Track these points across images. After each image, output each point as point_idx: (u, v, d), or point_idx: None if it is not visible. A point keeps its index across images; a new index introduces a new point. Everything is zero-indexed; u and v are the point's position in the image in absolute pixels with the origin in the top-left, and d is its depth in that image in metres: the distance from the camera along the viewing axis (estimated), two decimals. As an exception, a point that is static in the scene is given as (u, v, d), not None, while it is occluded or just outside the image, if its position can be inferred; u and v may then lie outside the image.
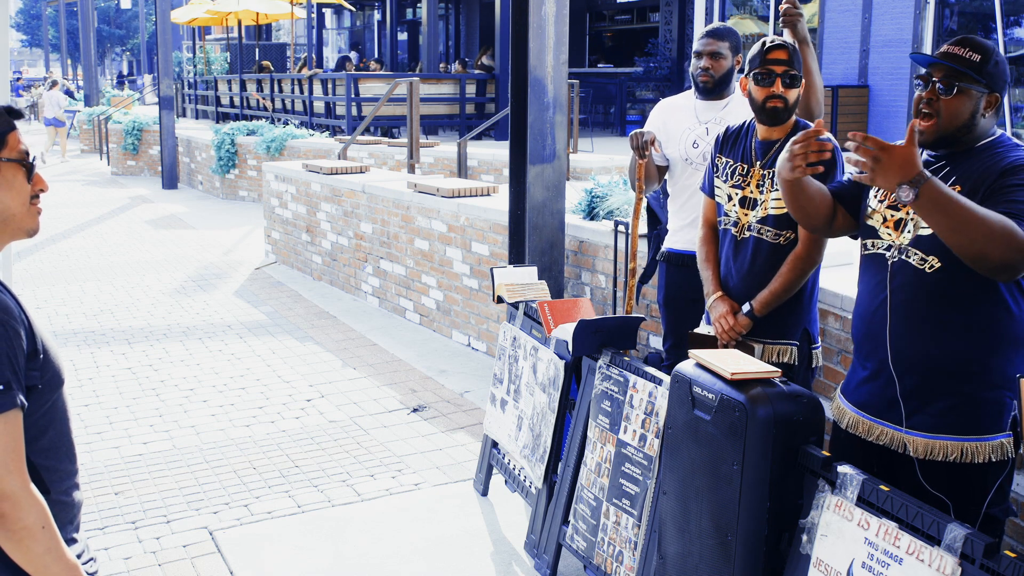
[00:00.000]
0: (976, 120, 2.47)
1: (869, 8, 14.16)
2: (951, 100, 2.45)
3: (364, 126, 12.05)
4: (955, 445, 2.53)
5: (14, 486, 1.72)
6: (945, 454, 2.54)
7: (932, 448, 2.55)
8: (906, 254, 2.55)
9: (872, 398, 2.67)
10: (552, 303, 3.77)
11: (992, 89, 2.47)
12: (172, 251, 10.34)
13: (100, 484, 4.39)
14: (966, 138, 2.49)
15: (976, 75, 2.44)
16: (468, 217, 6.49)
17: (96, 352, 6.48)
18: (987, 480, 2.56)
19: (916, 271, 2.53)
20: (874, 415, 2.66)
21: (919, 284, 2.53)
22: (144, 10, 29.82)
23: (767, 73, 3.13)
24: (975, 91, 2.45)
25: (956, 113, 2.45)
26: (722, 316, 3.28)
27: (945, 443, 2.54)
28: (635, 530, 3.08)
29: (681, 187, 3.95)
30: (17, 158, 1.87)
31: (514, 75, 5.25)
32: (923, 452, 2.56)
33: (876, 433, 2.66)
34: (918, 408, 2.58)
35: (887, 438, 2.63)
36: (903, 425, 2.60)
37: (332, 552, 3.81)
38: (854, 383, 2.76)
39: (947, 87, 2.44)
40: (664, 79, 18.63)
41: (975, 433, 2.52)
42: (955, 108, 2.45)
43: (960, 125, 2.46)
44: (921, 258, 2.51)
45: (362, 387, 5.76)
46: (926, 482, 2.57)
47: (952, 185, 2.47)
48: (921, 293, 2.53)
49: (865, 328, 2.67)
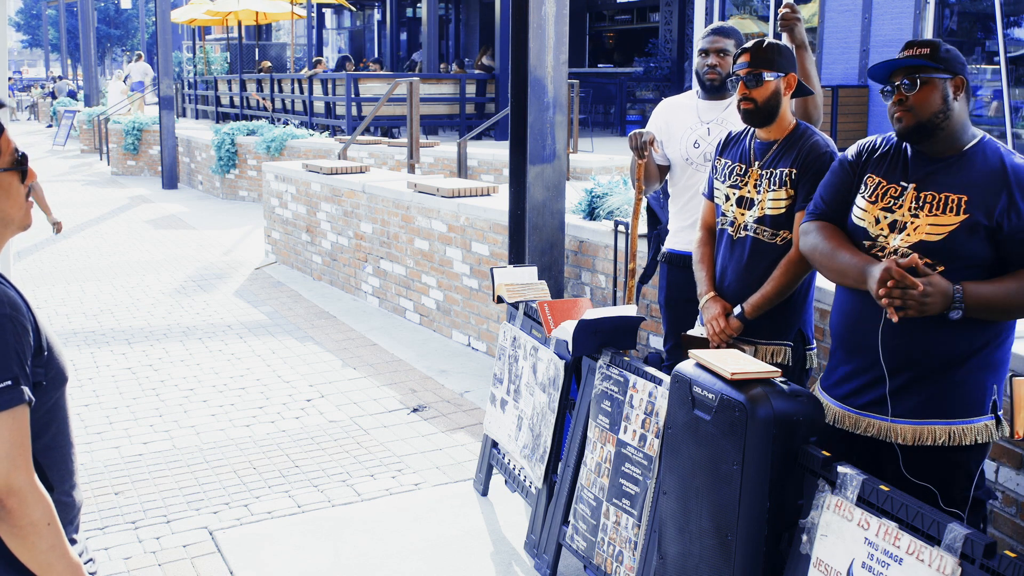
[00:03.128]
0: (949, 104, 2.56)
1: (869, 8, 14.16)
2: (919, 93, 2.55)
3: (364, 126, 12.04)
4: (943, 429, 2.58)
5: (21, 482, 1.72)
6: (934, 438, 2.58)
7: (920, 434, 2.60)
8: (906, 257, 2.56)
9: (859, 392, 2.70)
10: (552, 303, 3.77)
11: (953, 72, 2.56)
12: (172, 251, 10.34)
13: (100, 484, 4.39)
14: (945, 125, 2.56)
15: (932, 63, 2.55)
16: (468, 217, 6.49)
17: (96, 352, 6.48)
18: (971, 464, 2.62)
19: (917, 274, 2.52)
20: (860, 408, 2.70)
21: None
22: (144, 10, 29.82)
23: (736, 77, 3.21)
24: (937, 78, 2.55)
25: (928, 102, 2.55)
26: (714, 318, 3.29)
27: (933, 428, 2.59)
28: (635, 530, 3.08)
29: (682, 187, 3.95)
30: (11, 164, 1.85)
31: (514, 75, 5.25)
32: (911, 439, 2.60)
33: (863, 425, 2.70)
34: (904, 395, 2.62)
35: (874, 429, 2.67)
36: (889, 415, 2.63)
37: (332, 552, 3.81)
38: (835, 377, 2.79)
39: (911, 83, 2.56)
40: (664, 79, 18.64)
41: (962, 416, 2.58)
42: (925, 98, 2.55)
43: (935, 111, 2.55)
44: (926, 263, 2.52)
45: (362, 387, 5.76)
46: (910, 473, 2.61)
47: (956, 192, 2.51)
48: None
49: (852, 325, 2.70)
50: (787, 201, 3.17)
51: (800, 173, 3.15)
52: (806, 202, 3.14)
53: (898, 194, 2.63)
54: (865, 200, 2.70)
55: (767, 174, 3.22)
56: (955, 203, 2.52)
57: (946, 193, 2.54)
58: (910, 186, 2.61)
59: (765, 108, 3.18)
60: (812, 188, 3.13)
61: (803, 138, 3.20)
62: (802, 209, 3.14)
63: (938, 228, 2.53)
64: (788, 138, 3.23)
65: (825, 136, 3.26)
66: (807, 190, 3.13)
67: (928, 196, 2.57)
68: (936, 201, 2.55)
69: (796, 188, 3.16)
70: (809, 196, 3.13)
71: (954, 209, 2.52)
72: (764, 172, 3.23)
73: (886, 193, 2.65)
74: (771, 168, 3.21)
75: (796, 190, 3.16)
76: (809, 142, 3.18)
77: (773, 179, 3.20)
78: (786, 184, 3.17)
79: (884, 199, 2.65)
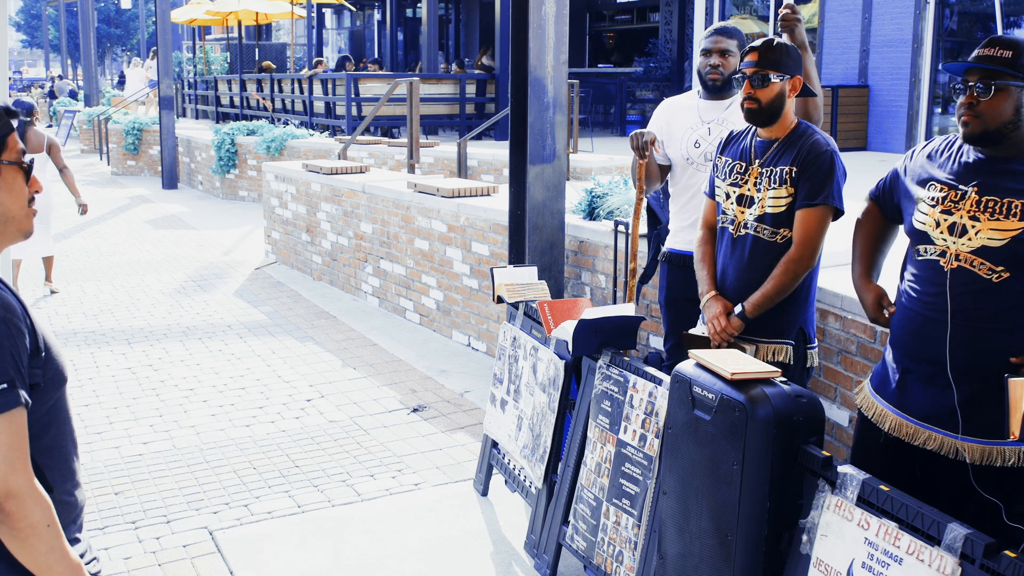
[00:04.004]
0: (1021, 115, 2.48)
1: (869, 8, 14.16)
2: (991, 100, 2.46)
3: (364, 126, 12.04)
4: (1012, 450, 2.50)
5: (19, 484, 1.72)
6: (1003, 459, 2.51)
7: (989, 454, 2.52)
8: (969, 262, 2.51)
9: (923, 403, 2.62)
10: (552, 303, 3.76)
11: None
12: (172, 251, 10.34)
13: (100, 484, 4.39)
14: (1013, 135, 2.49)
15: (1011, 70, 2.45)
16: (468, 217, 6.49)
17: (96, 352, 6.48)
18: None
19: (981, 280, 2.49)
20: (924, 420, 2.62)
21: (986, 292, 2.50)
22: (144, 10, 29.81)
23: (741, 75, 3.20)
24: (1013, 86, 2.46)
25: (999, 111, 2.46)
26: (715, 317, 3.29)
27: (1003, 448, 2.51)
28: (635, 530, 3.08)
29: (683, 187, 3.95)
30: (16, 160, 1.87)
31: (514, 75, 5.25)
32: (979, 458, 2.53)
33: (923, 438, 2.62)
34: (973, 414, 2.54)
35: (935, 443, 2.59)
36: (959, 432, 2.55)
37: (332, 552, 3.81)
38: (894, 383, 2.70)
39: (985, 87, 2.46)
40: (664, 79, 18.64)
41: None
42: (996, 106, 2.46)
43: (1005, 122, 2.47)
44: (989, 268, 2.48)
45: (362, 387, 5.76)
46: (979, 485, 2.52)
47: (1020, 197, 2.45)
48: (988, 302, 2.50)
49: (916, 331, 2.62)
50: (787, 199, 3.17)
51: (800, 171, 3.15)
52: (806, 200, 3.14)
53: (958, 197, 2.56)
54: (926, 204, 2.63)
55: (767, 172, 3.22)
56: (1018, 208, 2.46)
57: (1009, 198, 2.47)
58: (971, 189, 2.54)
59: (769, 109, 3.18)
60: (812, 186, 3.13)
61: (803, 136, 3.20)
62: (802, 207, 3.15)
63: (1001, 233, 2.47)
64: (789, 136, 3.23)
65: (826, 135, 3.26)
66: (807, 188, 3.13)
67: (990, 201, 2.50)
68: (998, 206, 2.48)
69: (796, 186, 3.16)
70: (809, 194, 3.13)
71: (1017, 214, 2.45)
72: (764, 170, 3.23)
73: (946, 197, 2.59)
74: (771, 166, 3.21)
75: (796, 188, 3.16)
76: (810, 141, 3.18)
77: (773, 177, 3.19)
78: (786, 182, 3.17)
79: (944, 203, 2.58)
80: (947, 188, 2.60)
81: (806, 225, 3.15)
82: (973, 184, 2.55)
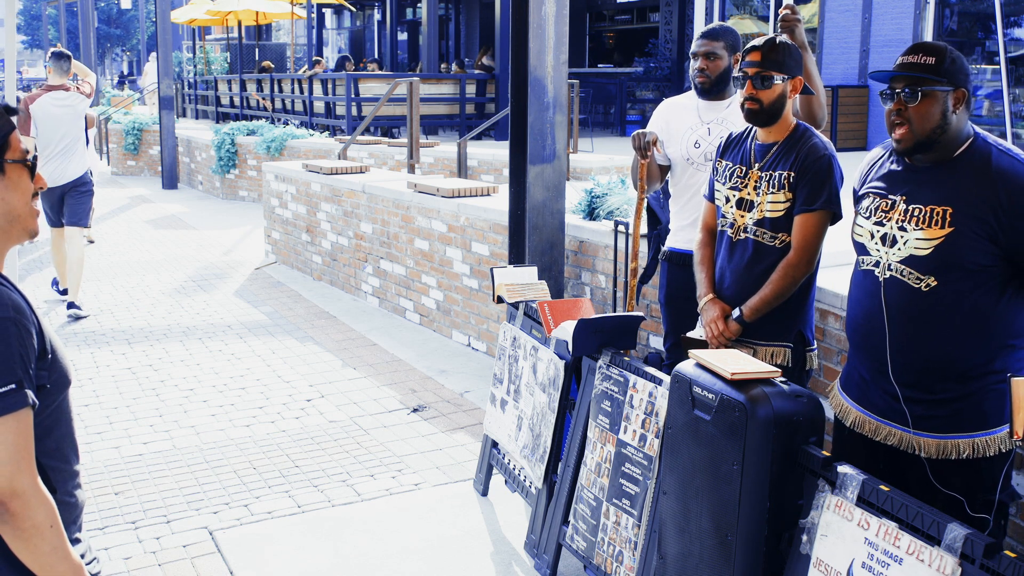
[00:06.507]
0: (948, 119, 2.51)
1: (869, 8, 14.16)
2: (919, 106, 2.50)
3: (364, 126, 12.04)
4: (966, 442, 2.56)
5: (24, 484, 1.72)
6: (958, 452, 2.56)
7: (944, 448, 2.58)
8: (899, 272, 2.56)
9: (876, 399, 2.69)
10: (552, 303, 3.77)
11: (955, 85, 2.51)
12: (172, 251, 10.34)
13: (100, 484, 4.39)
14: (942, 139, 2.52)
15: (935, 76, 2.50)
16: (468, 217, 6.49)
17: (96, 352, 6.48)
18: (994, 469, 2.59)
19: (910, 289, 2.54)
20: (879, 415, 2.68)
21: (915, 301, 2.55)
22: (144, 10, 29.81)
23: (742, 75, 3.19)
24: (939, 91, 2.50)
25: (926, 116, 2.50)
26: (712, 320, 3.30)
27: (957, 442, 2.57)
28: (635, 530, 3.08)
29: (683, 187, 3.95)
30: (20, 158, 1.87)
31: (514, 75, 5.25)
32: (935, 453, 2.59)
33: (883, 433, 2.68)
34: (924, 411, 2.59)
35: (895, 439, 2.65)
36: (910, 427, 2.61)
37: (332, 552, 3.81)
38: (855, 379, 2.77)
39: (912, 94, 2.50)
40: (664, 79, 18.64)
41: (984, 428, 2.56)
42: (924, 111, 2.50)
43: (934, 127, 2.51)
44: (917, 277, 2.53)
45: (362, 387, 5.76)
46: (938, 482, 2.59)
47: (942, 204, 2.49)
48: (917, 310, 2.55)
49: (862, 332, 2.69)
50: (786, 204, 3.17)
51: (798, 176, 3.15)
52: (804, 205, 3.14)
53: (888, 207, 2.61)
54: (861, 216, 2.69)
55: (767, 176, 3.22)
56: (940, 216, 2.49)
57: (931, 206, 2.51)
58: (899, 198, 2.59)
59: (770, 109, 3.18)
60: (810, 191, 3.13)
61: (802, 140, 3.20)
62: (800, 212, 3.15)
63: (926, 242, 2.51)
64: (787, 140, 3.23)
65: (824, 138, 3.25)
66: (805, 193, 3.13)
67: (915, 209, 2.54)
68: (923, 214, 2.52)
69: (795, 191, 3.16)
70: (807, 199, 3.13)
71: (939, 222, 2.49)
72: (764, 174, 3.23)
73: (879, 208, 2.64)
74: (770, 170, 3.21)
75: (794, 193, 3.16)
76: (808, 145, 3.18)
77: (772, 181, 3.20)
78: (785, 187, 3.17)
79: (876, 213, 2.64)
80: (879, 198, 2.65)
81: (804, 230, 3.15)
82: (902, 193, 2.59)
